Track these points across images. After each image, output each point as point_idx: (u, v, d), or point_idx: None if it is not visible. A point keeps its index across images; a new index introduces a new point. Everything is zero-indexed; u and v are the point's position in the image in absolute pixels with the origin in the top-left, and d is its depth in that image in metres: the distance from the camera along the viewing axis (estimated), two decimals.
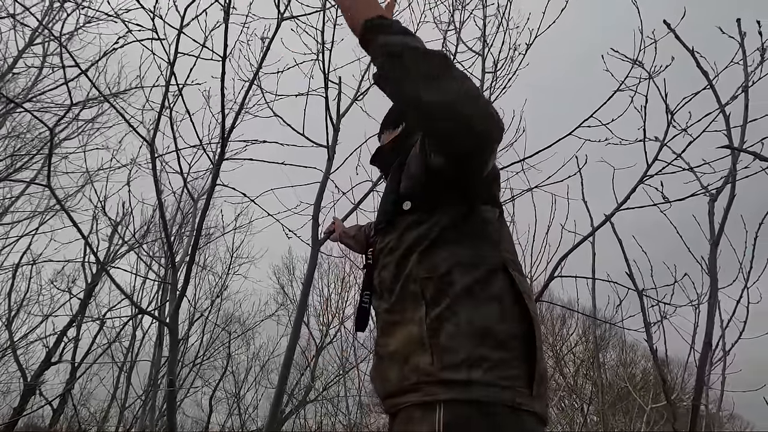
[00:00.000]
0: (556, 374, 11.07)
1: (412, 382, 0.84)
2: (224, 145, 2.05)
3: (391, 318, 0.95)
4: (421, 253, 0.93)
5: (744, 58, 1.94)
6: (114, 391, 6.57)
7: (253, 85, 2.46)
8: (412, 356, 0.86)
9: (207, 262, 8.19)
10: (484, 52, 3.00)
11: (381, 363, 0.94)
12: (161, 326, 3.53)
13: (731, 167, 1.88)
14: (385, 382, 0.92)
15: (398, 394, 0.87)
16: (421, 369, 0.83)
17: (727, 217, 1.91)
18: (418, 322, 0.88)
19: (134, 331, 6.72)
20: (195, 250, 2.18)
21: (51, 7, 4.60)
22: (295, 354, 2.55)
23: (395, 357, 0.89)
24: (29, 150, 4.96)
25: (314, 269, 2.61)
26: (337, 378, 9.26)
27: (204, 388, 8.79)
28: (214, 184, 2.11)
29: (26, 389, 4.86)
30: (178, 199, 4.95)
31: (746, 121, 1.89)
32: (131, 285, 6.51)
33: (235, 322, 9.49)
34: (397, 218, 1.00)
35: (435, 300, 0.88)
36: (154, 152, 2.00)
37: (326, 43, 2.64)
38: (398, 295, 0.94)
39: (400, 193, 1.02)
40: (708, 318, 1.89)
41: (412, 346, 0.87)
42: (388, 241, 1.01)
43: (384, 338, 0.95)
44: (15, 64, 4.63)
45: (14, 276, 4.81)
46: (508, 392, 0.79)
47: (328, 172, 2.69)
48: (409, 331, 0.88)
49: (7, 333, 4.78)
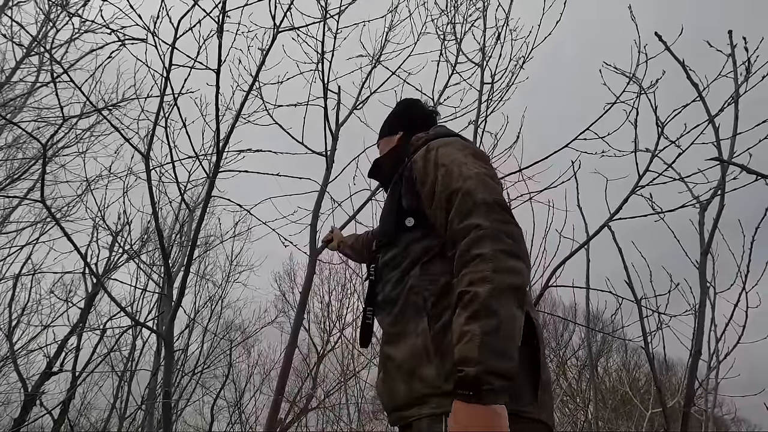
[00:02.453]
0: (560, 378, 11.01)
1: (419, 395, 0.86)
2: (219, 157, 2.06)
3: (395, 330, 0.96)
4: (422, 266, 0.95)
5: (734, 70, 1.96)
6: (114, 401, 6.55)
7: (249, 94, 2.48)
8: (417, 369, 0.87)
9: (206, 270, 8.20)
10: (483, 63, 3.05)
11: (387, 376, 0.95)
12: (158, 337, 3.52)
13: (720, 178, 1.90)
14: (392, 395, 0.93)
15: (405, 407, 0.89)
16: (427, 381, 0.85)
17: (716, 227, 1.92)
18: (421, 333, 0.89)
19: (134, 341, 6.70)
20: (190, 261, 2.19)
21: (47, 19, 4.65)
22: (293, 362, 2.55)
23: (401, 370, 0.91)
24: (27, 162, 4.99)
25: (312, 278, 2.62)
26: (338, 385, 9.21)
27: (205, 396, 8.75)
28: (209, 195, 2.12)
29: (27, 399, 4.85)
30: (176, 209, 4.97)
31: (736, 132, 1.90)
32: (131, 294, 6.51)
33: (236, 329, 9.47)
34: (401, 234, 1.02)
35: (437, 312, 0.89)
36: (148, 164, 2.02)
37: (326, 53, 2.67)
38: (401, 308, 0.96)
39: (403, 209, 1.03)
40: (698, 327, 1.89)
41: (416, 358, 0.88)
42: (392, 256, 1.02)
43: (388, 351, 0.96)
44: (12, 76, 4.68)
45: (15, 286, 4.82)
46: (513, 402, 0.80)
47: (327, 180, 2.70)
48: (413, 344, 0.90)
49: (8, 343, 4.78)
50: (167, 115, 2.10)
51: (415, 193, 1.01)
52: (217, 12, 1.87)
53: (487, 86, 2.99)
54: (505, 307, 0.78)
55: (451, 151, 1.00)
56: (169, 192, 5.28)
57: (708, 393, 3.51)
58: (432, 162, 1.00)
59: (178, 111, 2.08)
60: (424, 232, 0.98)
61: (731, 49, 1.98)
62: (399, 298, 0.97)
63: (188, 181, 3.97)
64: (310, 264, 2.52)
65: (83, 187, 5.35)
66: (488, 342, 0.74)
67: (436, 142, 1.06)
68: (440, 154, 1.00)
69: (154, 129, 2.05)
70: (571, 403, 11.20)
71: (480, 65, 3.04)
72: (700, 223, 2.00)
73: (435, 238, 0.96)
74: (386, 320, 1.00)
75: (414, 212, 1.01)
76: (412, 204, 1.01)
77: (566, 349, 11.99)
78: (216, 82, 1.92)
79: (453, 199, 0.91)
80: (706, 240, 2.01)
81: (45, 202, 1.73)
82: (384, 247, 1.06)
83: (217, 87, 1.93)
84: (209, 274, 8.14)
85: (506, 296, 0.78)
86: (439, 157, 1.00)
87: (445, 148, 1.02)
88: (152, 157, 2.15)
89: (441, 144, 1.04)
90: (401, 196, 1.05)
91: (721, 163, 1.82)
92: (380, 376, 0.99)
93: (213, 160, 3.18)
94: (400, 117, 1.35)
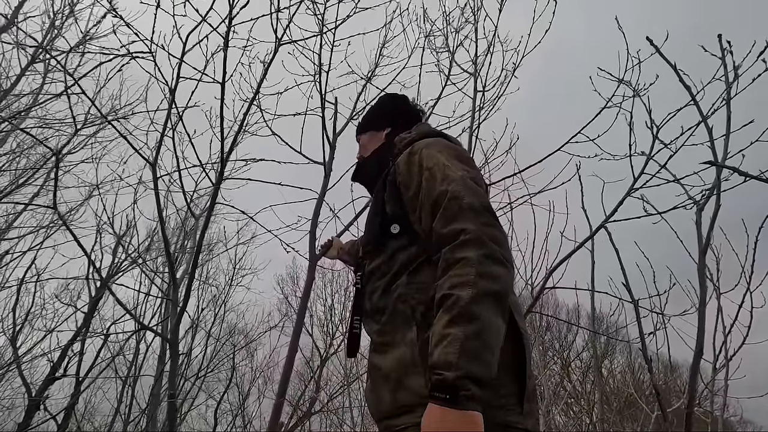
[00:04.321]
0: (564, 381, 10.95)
1: (406, 404, 0.85)
2: (223, 166, 2.10)
3: (382, 339, 0.95)
4: (410, 275, 0.94)
5: (726, 74, 1.99)
6: (118, 405, 6.57)
7: (252, 105, 2.53)
8: (405, 378, 0.87)
9: (210, 273, 8.22)
10: (476, 72, 3.11)
11: (375, 385, 0.95)
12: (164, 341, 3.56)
13: (716, 179, 1.93)
14: (379, 403, 0.92)
15: (393, 416, 0.88)
16: (415, 391, 0.84)
17: (713, 228, 1.94)
18: (409, 344, 0.88)
19: (138, 345, 6.73)
20: (195, 267, 2.23)
21: (52, 26, 4.72)
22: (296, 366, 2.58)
23: (389, 379, 0.90)
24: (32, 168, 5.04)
25: (312, 283, 2.65)
26: (341, 389, 9.22)
27: (208, 400, 8.76)
28: (213, 203, 2.16)
29: (31, 404, 4.88)
30: (182, 217, 5.01)
31: (729, 132, 1.94)
32: (134, 299, 6.55)
33: (239, 333, 9.49)
34: (387, 241, 1.00)
35: (426, 320, 0.88)
36: (156, 174, 2.06)
37: (323, 66, 2.73)
38: (389, 317, 0.94)
39: (387, 216, 1.01)
40: (699, 327, 1.91)
41: (404, 368, 0.87)
42: (378, 264, 1.00)
43: (376, 360, 0.95)
44: (17, 83, 4.74)
45: (19, 291, 4.86)
46: (501, 412, 0.80)
47: (325, 189, 2.75)
48: (402, 353, 0.89)
49: (12, 348, 4.81)
50: (174, 126, 2.15)
51: (400, 198, 1.00)
52: (224, 27, 1.91)
53: (480, 94, 3.07)
54: (487, 312, 0.77)
55: (433, 153, 0.99)
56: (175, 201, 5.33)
57: (714, 395, 3.50)
58: (416, 165, 0.98)
59: (183, 126, 2.13)
60: (410, 239, 0.96)
61: (722, 53, 2.02)
62: (387, 307, 0.95)
63: (194, 190, 4.02)
64: (309, 270, 2.55)
65: (87, 192, 5.40)
66: (468, 347, 0.74)
67: (420, 143, 1.04)
68: (423, 156, 0.98)
69: (162, 139, 2.10)
70: (575, 405, 11.15)
71: (473, 74, 3.11)
72: (697, 222, 2.02)
73: (421, 245, 0.95)
74: (374, 329, 0.99)
75: (398, 218, 0.99)
76: (396, 210, 1.00)
77: (570, 351, 11.96)
78: (221, 94, 1.97)
79: (439, 203, 0.90)
80: (704, 240, 2.03)
81: (57, 208, 1.77)
82: (369, 254, 1.04)
83: (221, 97, 1.97)
84: (212, 278, 8.17)
85: (489, 302, 0.78)
86: (423, 160, 0.98)
87: (428, 150, 1.00)
88: (160, 166, 2.20)
89: (424, 146, 1.02)
90: (385, 201, 1.03)
91: (714, 166, 1.86)
92: (368, 385, 0.99)
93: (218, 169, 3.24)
94: (388, 112, 1.28)
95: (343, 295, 10.46)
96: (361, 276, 1.06)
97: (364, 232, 1.15)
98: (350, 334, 1.05)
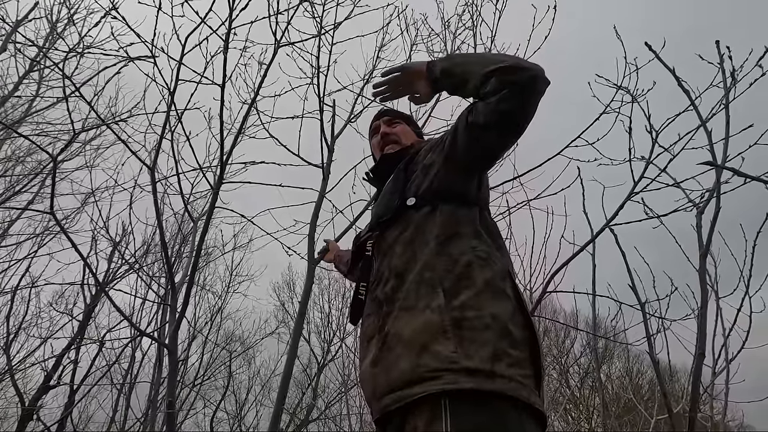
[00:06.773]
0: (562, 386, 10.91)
1: (431, 368, 0.81)
2: (223, 169, 2.10)
3: (403, 304, 0.91)
4: (440, 244, 0.95)
5: (723, 79, 2.02)
6: (113, 414, 6.47)
7: (251, 107, 2.53)
8: (431, 344, 0.83)
9: (206, 281, 8.17)
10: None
11: (388, 353, 0.88)
12: (160, 347, 3.52)
13: (715, 181, 1.94)
14: (390, 372, 0.86)
15: (407, 386, 0.82)
16: (444, 356, 0.81)
17: (713, 230, 1.95)
18: (437, 310, 0.86)
19: (133, 353, 6.65)
20: (194, 272, 2.21)
21: (53, 32, 4.72)
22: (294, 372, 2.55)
23: (411, 344, 0.85)
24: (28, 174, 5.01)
25: (311, 287, 2.63)
26: (339, 396, 9.14)
27: (205, 408, 8.65)
28: (212, 206, 2.15)
29: (24, 414, 4.79)
30: (179, 221, 4.98)
31: (728, 135, 1.96)
32: (131, 306, 6.48)
33: (236, 340, 9.41)
34: (404, 213, 1.04)
35: (455, 290, 0.88)
36: (154, 177, 2.05)
37: (321, 68, 2.74)
38: (412, 282, 0.93)
39: (407, 190, 1.07)
40: (699, 329, 1.91)
41: (429, 334, 0.84)
42: (400, 231, 1.02)
43: (394, 325, 0.90)
44: (15, 90, 4.72)
45: (13, 299, 4.80)
46: (524, 390, 0.81)
47: (324, 192, 2.74)
48: (428, 318, 0.86)
49: (5, 357, 4.74)
50: (173, 129, 2.14)
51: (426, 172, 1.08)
52: (224, 29, 1.92)
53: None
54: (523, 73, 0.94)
55: None
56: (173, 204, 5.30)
57: (713, 399, 3.49)
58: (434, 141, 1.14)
59: (182, 127, 2.12)
60: (432, 207, 1.01)
61: (720, 58, 2.05)
62: (410, 273, 0.94)
63: (191, 193, 4.00)
64: (308, 273, 2.53)
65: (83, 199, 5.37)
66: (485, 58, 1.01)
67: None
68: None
69: (160, 143, 2.09)
70: (574, 411, 11.10)
71: None
72: (697, 225, 2.03)
73: (451, 217, 0.99)
74: (389, 295, 0.95)
75: (417, 195, 1.04)
76: (418, 187, 1.06)
77: (568, 356, 11.93)
78: (221, 96, 1.96)
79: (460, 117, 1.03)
80: (704, 243, 2.03)
81: (54, 214, 1.75)
82: (386, 223, 1.06)
83: (221, 100, 1.97)
84: (209, 285, 8.12)
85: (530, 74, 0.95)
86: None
87: None
88: (158, 170, 2.18)
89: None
90: (407, 180, 1.10)
91: (714, 167, 1.87)
92: (372, 357, 0.91)
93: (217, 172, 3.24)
94: (418, 128, 1.45)
95: (340, 302, 10.40)
96: (373, 244, 1.08)
97: (377, 208, 1.17)
98: (354, 300, 1.05)
